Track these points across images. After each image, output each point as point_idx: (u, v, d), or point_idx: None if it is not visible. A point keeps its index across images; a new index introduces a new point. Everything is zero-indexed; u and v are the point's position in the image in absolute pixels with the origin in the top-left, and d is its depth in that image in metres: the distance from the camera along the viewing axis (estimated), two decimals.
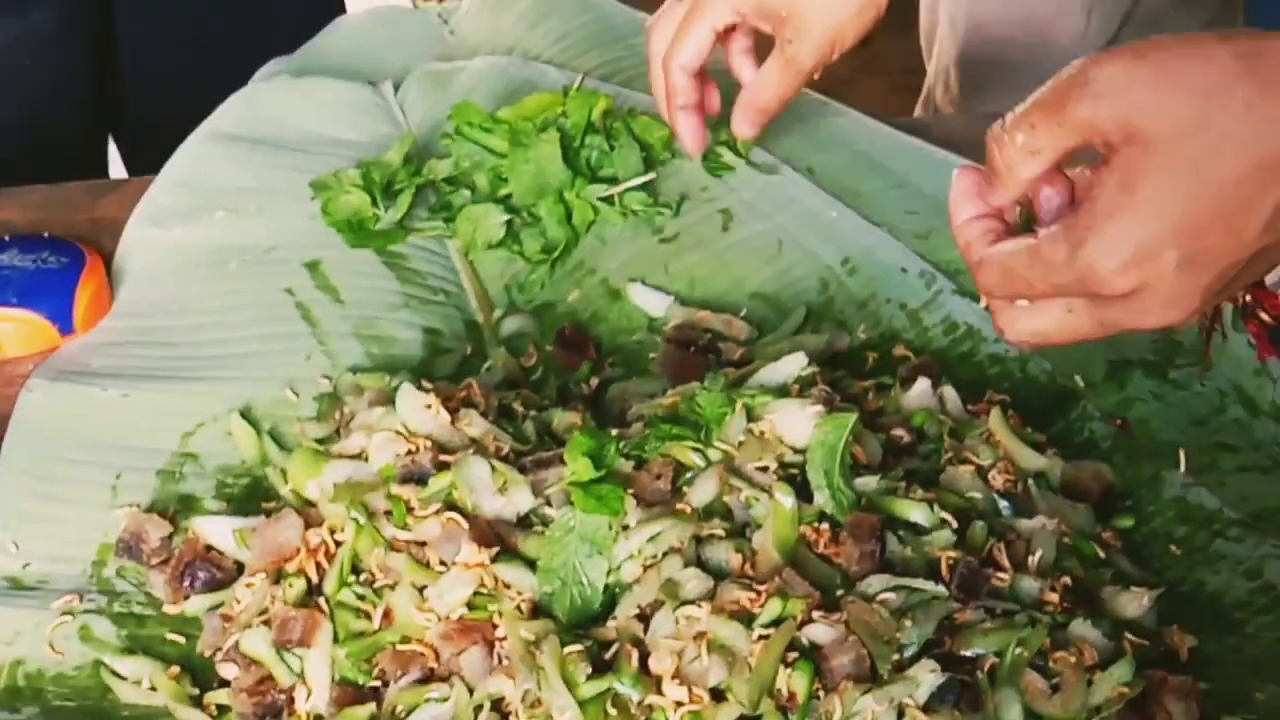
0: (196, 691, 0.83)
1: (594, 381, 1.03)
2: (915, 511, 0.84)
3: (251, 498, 0.95)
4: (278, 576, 0.84)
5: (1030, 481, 0.91)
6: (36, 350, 1.08)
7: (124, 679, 0.84)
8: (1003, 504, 0.89)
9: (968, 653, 0.78)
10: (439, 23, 1.52)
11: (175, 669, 0.84)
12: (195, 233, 1.18)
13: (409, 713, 0.78)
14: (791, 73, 1.13)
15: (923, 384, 0.98)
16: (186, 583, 0.87)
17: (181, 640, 0.87)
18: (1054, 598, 0.82)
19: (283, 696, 0.80)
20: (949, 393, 0.98)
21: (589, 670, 0.75)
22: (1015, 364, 1.06)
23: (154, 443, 0.99)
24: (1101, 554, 0.88)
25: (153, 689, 0.83)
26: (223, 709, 0.82)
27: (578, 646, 0.76)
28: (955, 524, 0.84)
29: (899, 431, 0.93)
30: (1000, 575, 0.83)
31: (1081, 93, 0.70)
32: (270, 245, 1.17)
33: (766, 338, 1.06)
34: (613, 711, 0.74)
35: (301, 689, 0.79)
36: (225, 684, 0.82)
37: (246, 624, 0.82)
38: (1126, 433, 1.01)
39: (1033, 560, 0.84)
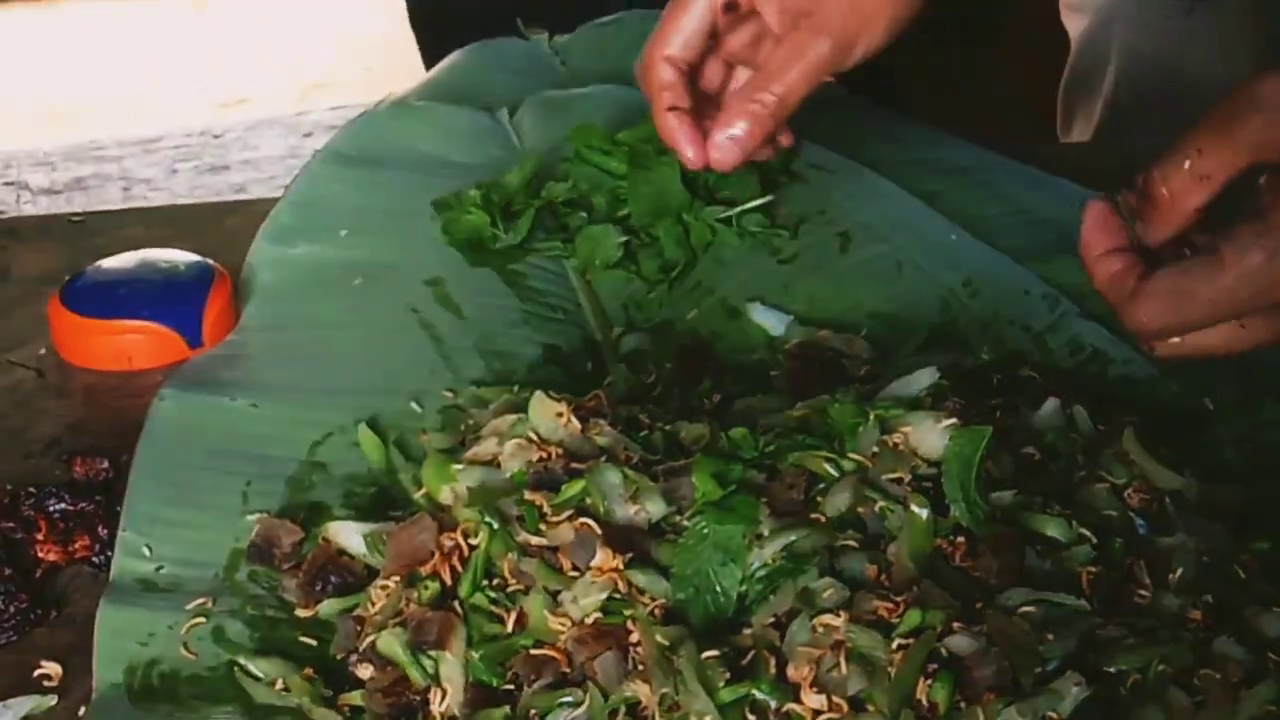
0: (330, 693, 0.83)
1: (716, 398, 1.03)
2: (1052, 527, 0.83)
3: (378, 506, 0.96)
4: (411, 580, 0.84)
5: (1167, 500, 0.89)
6: (165, 362, 1.10)
7: (258, 679, 0.84)
8: (1139, 522, 0.88)
9: (1110, 669, 0.77)
10: (550, 54, 1.54)
11: (309, 670, 0.84)
12: (319, 250, 1.20)
13: (543, 716, 0.77)
14: (804, 65, 0.95)
15: (1052, 403, 0.96)
16: (319, 586, 0.88)
17: (314, 643, 0.87)
18: (1197, 615, 0.81)
19: (418, 698, 0.80)
20: (1079, 412, 0.97)
21: (727, 675, 0.74)
22: (1145, 387, 1.04)
23: (283, 451, 1.00)
24: (1241, 575, 0.86)
25: (286, 689, 0.83)
26: (356, 710, 0.82)
27: (715, 651, 0.75)
28: (1094, 539, 0.83)
29: (1030, 450, 0.92)
30: (1141, 592, 0.81)
31: (1250, 109, 0.69)
32: (393, 263, 1.19)
33: (892, 357, 1.06)
34: (751, 718, 0.73)
35: (436, 691, 0.79)
36: (358, 686, 0.82)
37: (381, 625, 0.82)
38: (1260, 459, 0.99)
39: (1173, 577, 0.83)
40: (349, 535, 0.89)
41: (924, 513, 0.81)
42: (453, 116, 1.39)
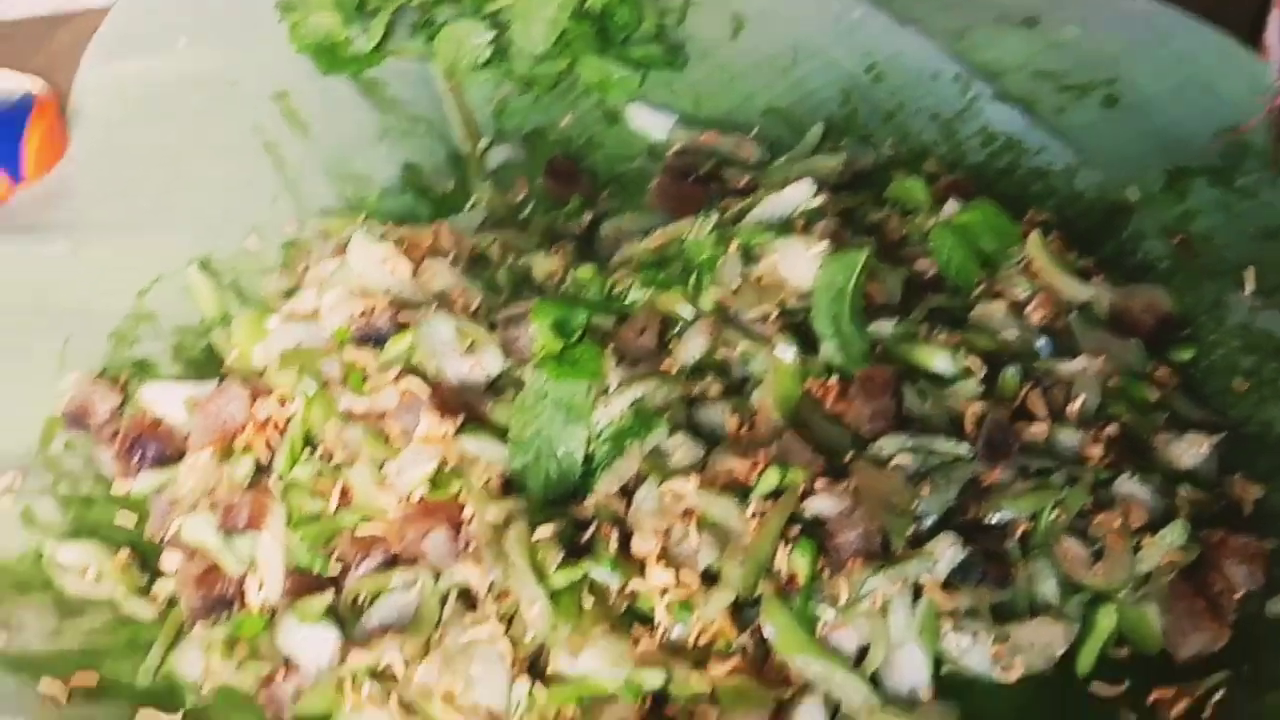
0: (146, 579, 0.75)
1: (586, 218, 0.93)
2: (938, 358, 0.74)
3: (213, 360, 0.86)
4: (228, 454, 0.75)
5: (1074, 315, 0.80)
6: None
7: (69, 569, 0.76)
8: (1041, 342, 0.79)
9: (995, 518, 0.69)
10: None
11: (124, 554, 0.76)
12: (155, 65, 1.08)
13: (371, 602, 0.70)
14: None
15: (952, 206, 0.87)
16: (135, 458, 0.79)
17: (131, 523, 0.79)
18: (1097, 451, 0.72)
19: (232, 588, 0.72)
20: None
21: (560, 557, 0.66)
22: (1061, 178, 0.94)
23: (107, 302, 0.90)
24: (1154, 396, 0.78)
25: (99, 578, 0.75)
26: (173, 601, 0.74)
27: (548, 530, 0.67)
28: (984, 371, 0.74)
29: (924, 264, 0.82)
30: (1035, 428, 0.72)
31: None
32: (235, 76, 1.06)
33: (778, 160, 0.95)
34: (589, 600, 0.66)
35: (253, 578, 0.71)
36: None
37: (190, 507, 0.74)
38: (1187, 251, 0.89)
39: (1073, 408, 0.74)
40: (167, 400, 0.80)
41: (789, 354, 0.72)
42: None
